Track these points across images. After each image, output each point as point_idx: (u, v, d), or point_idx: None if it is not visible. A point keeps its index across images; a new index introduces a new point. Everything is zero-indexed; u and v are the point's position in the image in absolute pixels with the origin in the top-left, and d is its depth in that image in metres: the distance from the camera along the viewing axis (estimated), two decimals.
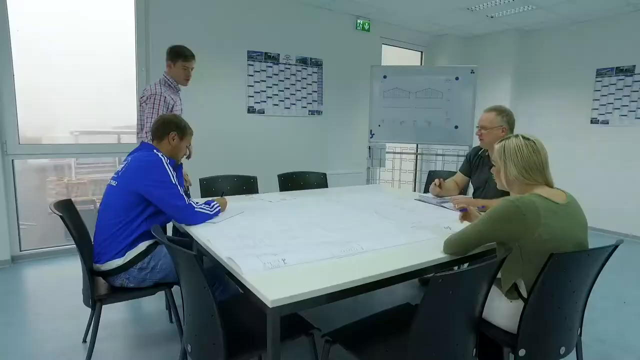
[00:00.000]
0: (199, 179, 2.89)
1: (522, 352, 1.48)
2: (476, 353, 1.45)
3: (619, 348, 2.29)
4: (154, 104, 2.62)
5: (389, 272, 1.39)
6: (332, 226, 1.96)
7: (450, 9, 4.62)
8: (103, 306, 1.87)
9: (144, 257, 1.90)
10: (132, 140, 3.90)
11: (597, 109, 4.85)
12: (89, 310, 2.06)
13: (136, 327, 2.38)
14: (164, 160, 1.95)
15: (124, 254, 1.87)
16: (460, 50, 5.94)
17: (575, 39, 5.02)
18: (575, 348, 1.64)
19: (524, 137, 1.55)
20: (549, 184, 1.57)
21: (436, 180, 2.66)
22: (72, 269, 3.26)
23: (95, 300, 1.84)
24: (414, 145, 5.06)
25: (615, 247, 1.50)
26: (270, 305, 1.13)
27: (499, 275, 1.48)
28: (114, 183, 1.95)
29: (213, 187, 2.89)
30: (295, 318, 1.59)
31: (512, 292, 1.54)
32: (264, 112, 4.45)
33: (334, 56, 4.90)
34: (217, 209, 2.08)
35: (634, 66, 4.55)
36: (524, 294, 1.51)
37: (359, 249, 1.59)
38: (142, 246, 1.91)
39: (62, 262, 3.46)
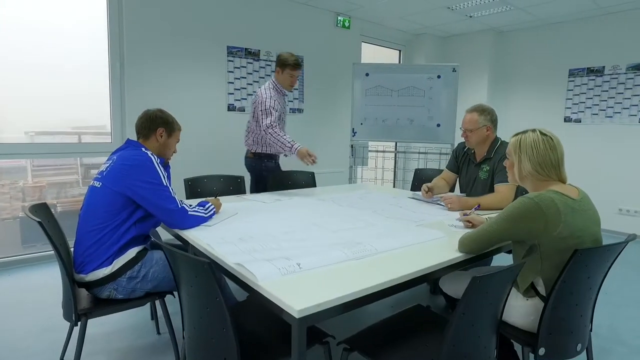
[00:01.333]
0: (184, 180, 2.72)
1: (542, 351, 1.45)
2: (497, 354, 1.40)
3: (612, 341, 2.33)
4: (270, 115, 2.82)
5: (415, 272, 1.32)
6: (336, 226, 1.87)
7: (431, 7, 4.64)
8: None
9: (134, 265, 1.74)
10: (97, 140, 3.67)
11: (569, 107, 5.02)
12: (65, 325, 1.87)
13: (121, 341, 2.19)
14: (154, 159, 1.79)
15: (112, 262, 1.70)
16: (437, 49, 6.00)
17: (549, 40, 5.17)
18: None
19: (541, 132, 1.52)
20: (563, 181, 1.55)
21: (424, 187, 2.58)
22: (39, 280, 2.98)
23: (79, 314, 1.66)
24: (393, 144, 5.04)
25: (627, 242, 1.50)
26: (297, 316, 1.03)
27: None
28: (97, 184, 1.77)
29: (199, 187, 2.73)
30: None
31: (529, 290, 1.51)
32: (244, 110, 4.29)
33: (315, 53, 4.81)
34: (212, 212, 1.93)
35: (604, 67, 4.74)
36: (542, 292, 1.48)
37: (372, 251, 1.51)
38: (132, 253, 1.74)
39: (23, 273, 3.15)
